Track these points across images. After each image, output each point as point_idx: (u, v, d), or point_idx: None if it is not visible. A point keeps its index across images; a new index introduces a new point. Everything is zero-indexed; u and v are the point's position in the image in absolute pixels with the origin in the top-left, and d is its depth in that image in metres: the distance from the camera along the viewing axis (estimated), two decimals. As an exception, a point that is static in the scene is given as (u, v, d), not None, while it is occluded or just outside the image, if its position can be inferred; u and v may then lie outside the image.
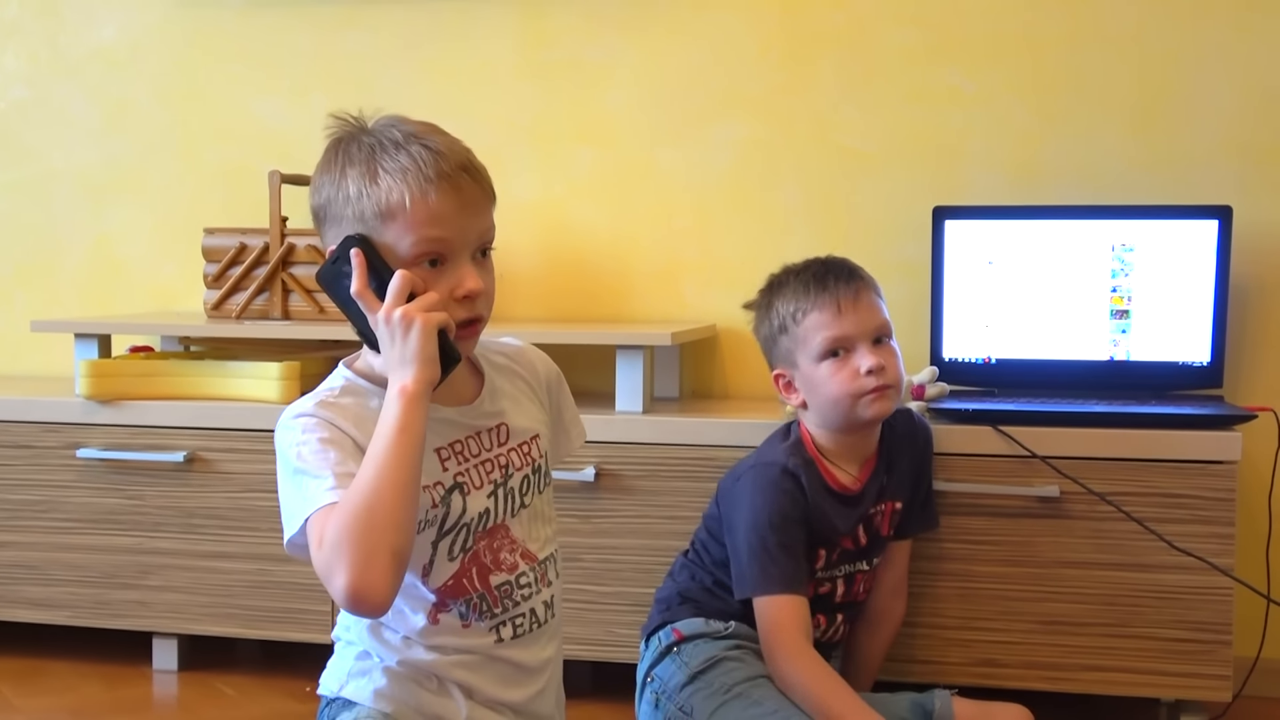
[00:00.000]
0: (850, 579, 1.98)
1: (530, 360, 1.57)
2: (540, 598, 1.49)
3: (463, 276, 1.37)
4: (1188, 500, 2.04)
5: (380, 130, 1.39)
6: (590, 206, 2.61)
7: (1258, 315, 2.35)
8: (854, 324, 1.89)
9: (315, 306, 2.47)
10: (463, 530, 1.43)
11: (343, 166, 1.38)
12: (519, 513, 1.48)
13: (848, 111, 2.50)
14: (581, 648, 2.17)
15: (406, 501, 1.29)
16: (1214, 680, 2.05)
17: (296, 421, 1.38)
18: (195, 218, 2.68)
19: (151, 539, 2.38)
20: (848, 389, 1.89)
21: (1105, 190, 2.38)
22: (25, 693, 2.34)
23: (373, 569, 1.25)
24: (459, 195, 1.35)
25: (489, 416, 1.47)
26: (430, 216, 1.34)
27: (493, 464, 1.46)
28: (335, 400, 1.40)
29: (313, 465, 1.34)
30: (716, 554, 1.95)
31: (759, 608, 1.86)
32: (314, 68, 2.71)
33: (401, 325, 1.32)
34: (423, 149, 1.35)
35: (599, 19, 2.59)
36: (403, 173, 1.34)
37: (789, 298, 1.94)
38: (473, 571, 1.44)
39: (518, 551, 1.47)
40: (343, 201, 1.37)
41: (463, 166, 1.37)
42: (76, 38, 2.82)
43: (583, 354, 2.28)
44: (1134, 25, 2.39)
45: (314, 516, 1.31)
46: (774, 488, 1.88)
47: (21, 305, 2.86)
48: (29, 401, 2.43)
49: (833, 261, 1.95)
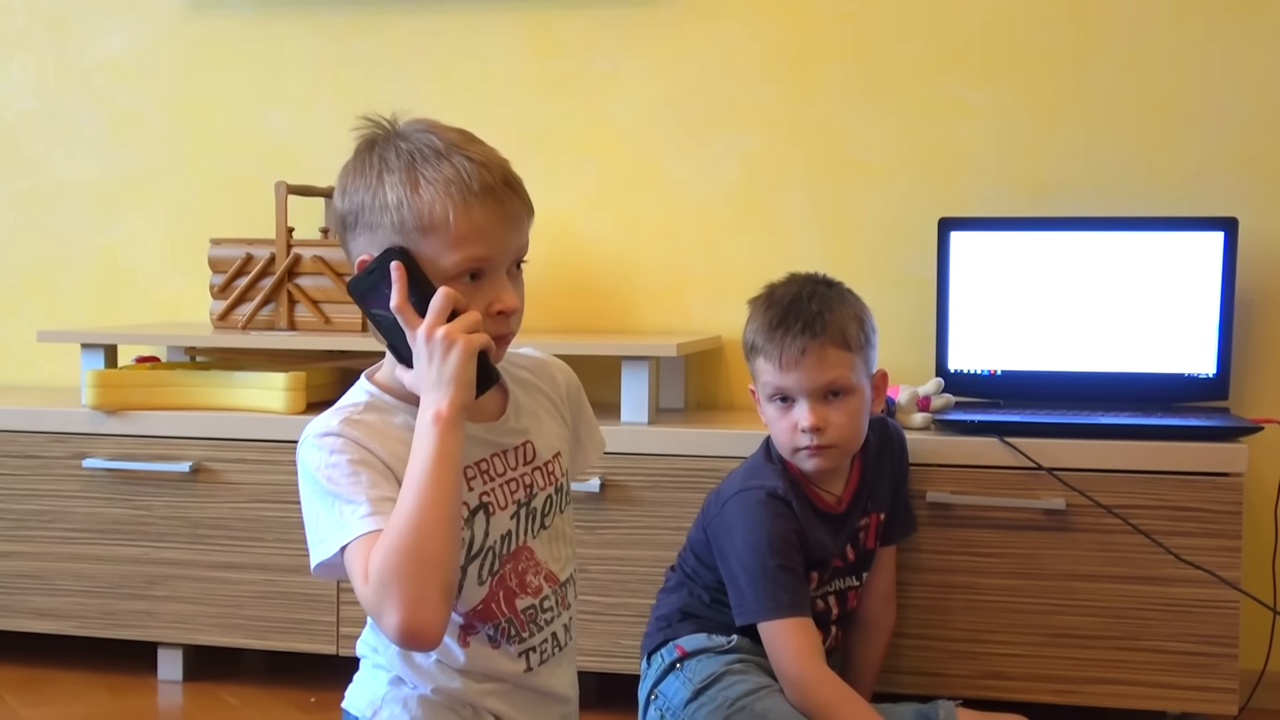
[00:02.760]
0: (843, 595, 1.97)
1: (552, 373, 1.53)
2: (560, 621, 1.46)
3: (500, 292, 1.33)
4: (1194, 513, 2.03)
5: (415, 136, 1.34)
6: (597, 217, 2.62)
7: (1263, 327, 2.35)
8: (795, 380, 1.84)
9: (321, 317, 2.47)
10: (489, 553, 1.40)
11: (379, 172, 1.33)
12: (540, 534, 1.44)
13: (854, 123, 2.50)
14: (587, 659, 2.17)
15: (452, 532, 1.26)
16: (1220, 693, 2.05)
17: (324, 441, 1.33)
18: (202, 228, 2.69)
19: (157, 549, 2.38)
20: (786, 440, 1.87)
21: (1111, 202, 2.38)
22: (31, 702, 2.34)
23: (425, 607, 1.23)
24: (501, 209, 1.32)
25: (514, 434, 1.44)
26: (474, 231, 1.30)
27: (517, 483, 1.43)
28: (360, 417, 1.35)
29: (345, 490, 1.30)
30: (708, 577, 1.93)
31: (769, 633, 1.83)
32: (321, 78, 2.72)
33: (442, 345, 1.28)
34: (466, 160, 1.31)
35: (606, 30, 2.59)
36: (446, 185, 1.30)
37: (754, 328, 1.89)
38: (500, 595, 1.41)
39: (542, 574, 1.44)
40: (379, 209, 1.32)
41: (505, 180, 1.33)
42: (84, 49, 2.83)
43: (588, 365, 2.26)
44: (1140, 38, 2.39)
45: (353, 545, 1.27)
46: (767, 510, 1.85)
47: (28, 315, 2.86)
48: (35, 411, 2.43)
49: (800, 304, 1.86)
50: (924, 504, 2.09)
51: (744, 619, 1.85)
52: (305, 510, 1.34)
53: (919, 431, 2.14)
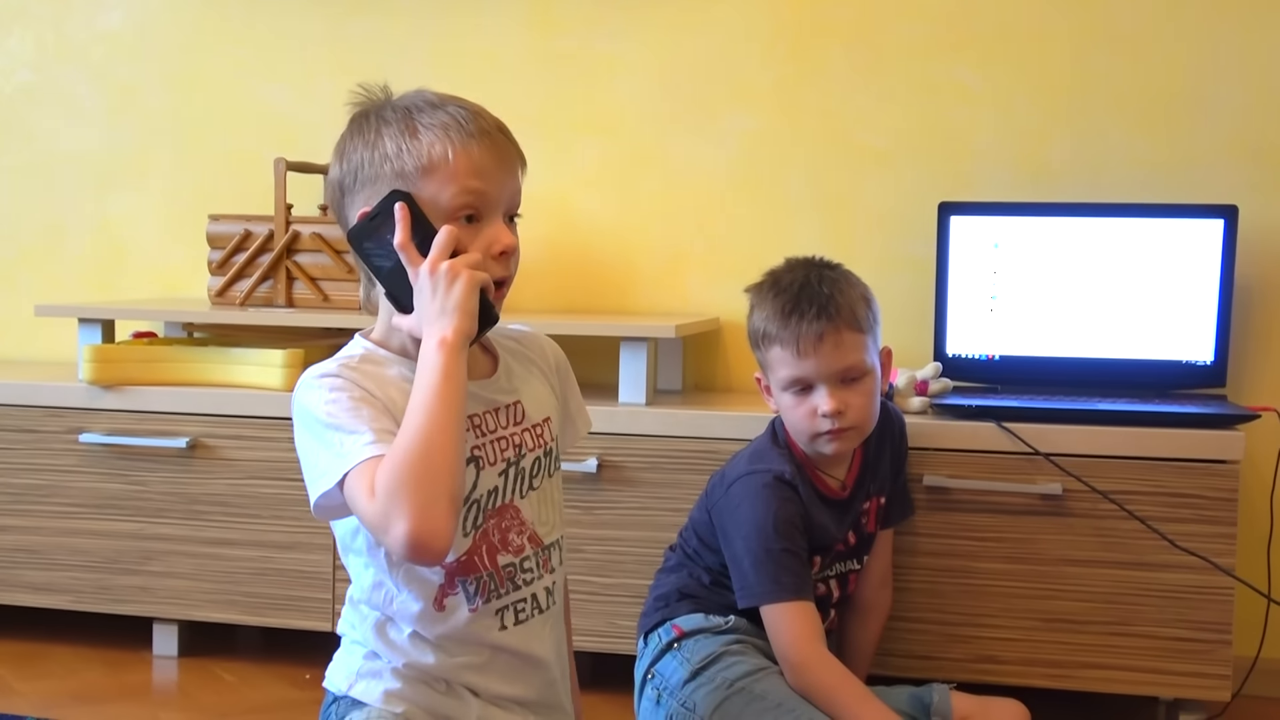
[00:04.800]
0: (844, 579, 1.98)
1: (540, 345, 1.58)
2: (542, 583, 1.48)
3: (498, 233, 1.39)
4: (1190, 499, 2.04)
5: (409, 98, 1.42)
6: (596, 197, 2.61)
7: (1262, 315, 2.35)
8: (813, 367, 1.84)
9: (319, 294, 2.47)
10: (474, 506, 1.43)
11: (377, 128, 1.40)
12: (528, 494, 1.47)
13: (856, 105, 2.49)
14: (583, 639, 2.17)
15: (459, 446, 1.29)
16: (1214, 679, 2.06)
17: (322, 381, 1.37)
18: (200, 204, 2.68)
19: (154, 525, 2.38)
20: (805, 426, 1.87)
21: (1111, 188, 2.38)
22: (26, 676, 2.35)
23: (434, 513, 1.25)
24: (497, 151, 1.39)
25: (506, 393, 1.48)
26: (472, 168, 1.37)
27: (507, 442, 1.46)
28: (357, 365, 1.40)
29: (347, 422, 1.33)
30: (710, 559, 1.94)
31: (771, 616, 1.83)
32: (321, 54, 2.71)
33: (446, 277, 1.33)
34: (460, 108, 1.40)
35: (607, 8, 2.58)
36: (444, 128, 1.37)
37: (764, 316, 1.88)
38: (483, 549, 1.43)
39: (525, 534, 1.47)
40: (379, 160, 1.38)
41: (499, 127, 1.41)
42: (83, 22, 2.82)
43: (586, 346, 2.27)
44: (1142, 24, 2.38)
45: (355, 470, 1.30)
46: (773, 494, 1.85)
47: (26, 289, 2.86)
48: (32, 386, 2.43)
49: (810, 288, 1.86)
50: (921, 488, 2.09)
51: (746, 601, 1.86)
52: (302, 450, 1.37)
53: (917, 416, 2.14)
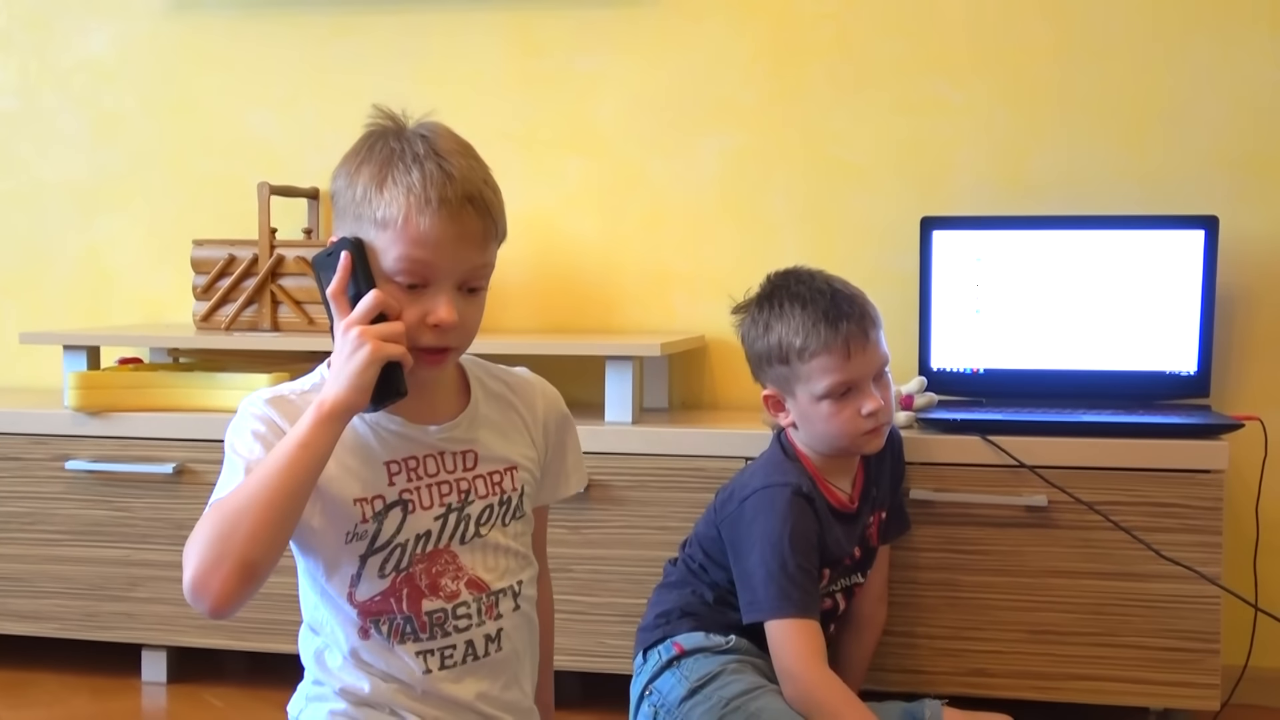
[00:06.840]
0: (849, 593, 1.98)
1: (531, 397, 1.52)
2: (482, 630, 1.43)
3: (436, 305, 1.34)
4: (1175, 509, 2.04)
5: (410, 138, 1.37)
6: (580, 217, 2.62)
7: (1244, 325, 2.36)
8: (861, 367, 1.84)
9: (304, 318, 2.47)
10: (396, 549, 1.40)
11: (360, 164, 1.37)
12: (471, 540, 1.43)
13: (837, 122, 2.51)
14: (571, 658, 2.17)
15: (277, 516, 1.28)
16: (1202, 689, 2.06)
17: (245, 407, 1.40)
18: (184, 229, 2.68)
19: (140, 551, 2.37)
20: (846, 429, 1.86)
21: (1092, 200, 2.39)
22: (14, 705, 2.34)
23: (215, 574, 1.27)
24: (455, 225, 1.33)
25: (458, 442, 1.44)
26: (418, 238, 1.32)
27: (451, 486, 1.42)
28: (296, 399, 1.39)
29: (234, 456, 1.36)
30: (716, 575, 1.93)
31: (775, 631, 1.82)
32: (304, 78, 2.71)
33: (353, 343, 1.30)
34: (436, 169, 1.33)
35: (589, 29, 2.59)
36: (407, 189, 1.32)
37: (795, 330, 1.85)
38: (403, 593, 1.40)
39: (462, 579, 1.42)
40: (350, 199, 1.37)
41: (469, 197, 1.34)
42: (66, 48, 2.82)
43: (572, 364, 2.28)
44: (1121, 36, 2.40)
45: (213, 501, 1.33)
46: (792, 509, 1.84)
47: (10, 316, 2.85)
48: (17, 413, 2.42)
49: (841, 296, 1.86)
50: (908, 502, 2.10)
51: (752, 616, 1.84)
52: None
53: (902, 430, 2.15)
